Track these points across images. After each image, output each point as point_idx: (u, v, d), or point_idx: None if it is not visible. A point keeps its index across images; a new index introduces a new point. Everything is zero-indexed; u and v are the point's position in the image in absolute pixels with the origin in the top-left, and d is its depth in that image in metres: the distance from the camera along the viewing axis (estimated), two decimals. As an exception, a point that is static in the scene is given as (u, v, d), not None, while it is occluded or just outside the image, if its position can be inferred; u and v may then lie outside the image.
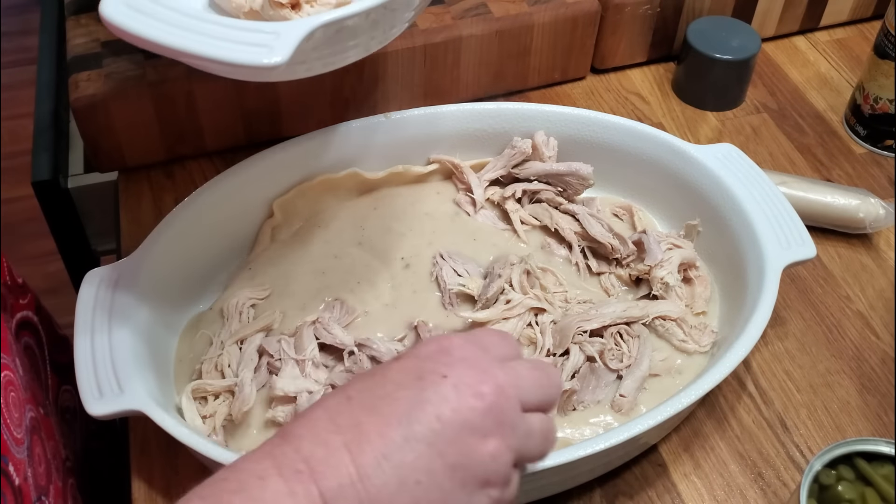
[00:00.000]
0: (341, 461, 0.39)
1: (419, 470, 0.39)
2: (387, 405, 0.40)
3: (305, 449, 0.39)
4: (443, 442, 0.40)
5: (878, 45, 0.82)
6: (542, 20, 0.85)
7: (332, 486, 0.38)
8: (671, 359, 0.65)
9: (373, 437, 0.39)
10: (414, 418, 0.40)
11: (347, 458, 0.39)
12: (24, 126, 1.18)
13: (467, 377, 0.42)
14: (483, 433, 0.41)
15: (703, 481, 0.62)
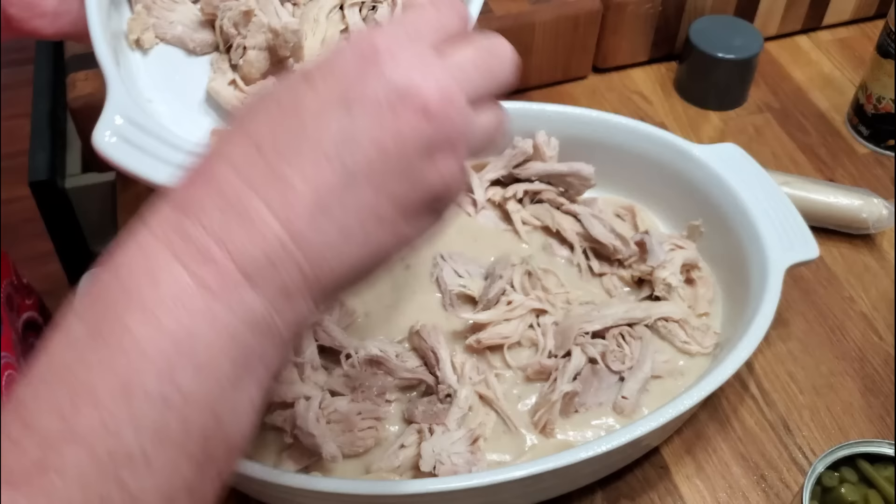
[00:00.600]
0: (264, 226, 0.31)
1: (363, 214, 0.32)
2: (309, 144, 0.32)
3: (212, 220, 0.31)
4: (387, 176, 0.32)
5: (881, 45, 0.82)
6: (543, 19, 0.84)
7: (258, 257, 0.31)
8: (673, 360, 0.64)
9: (299, 188, 0.31)
10: (347, 155, 0.32)
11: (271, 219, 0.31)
12: (21, 126, 1.18)
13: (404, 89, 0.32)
14: (430, 153, 0.33)
15: (705, 483, 0.61)
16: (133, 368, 0.29)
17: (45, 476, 0.28)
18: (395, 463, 0.57)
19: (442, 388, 0.60)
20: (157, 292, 0.30)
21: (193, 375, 0.30)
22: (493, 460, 0.58)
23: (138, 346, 0.30)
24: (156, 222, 0.32)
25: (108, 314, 0.30)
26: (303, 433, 0.56)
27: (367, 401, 0.59)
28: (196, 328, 0.30)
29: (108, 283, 0.31)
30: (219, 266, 0.31)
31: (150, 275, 0.31)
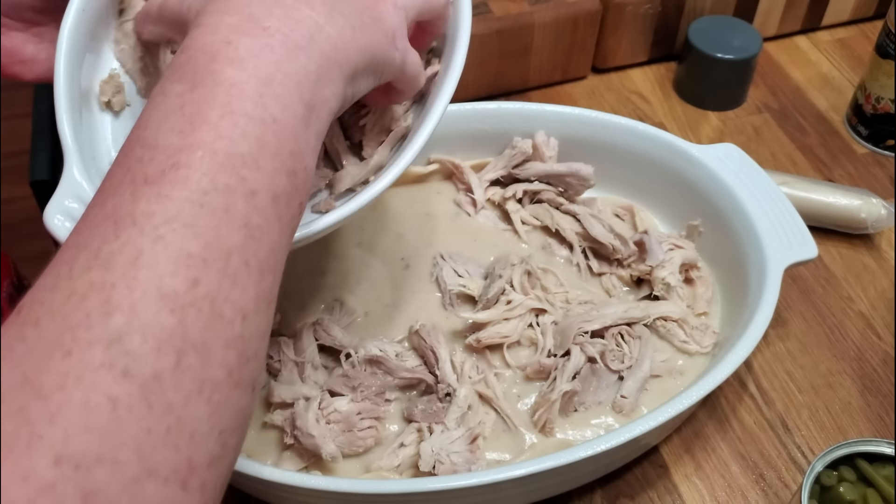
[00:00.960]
0: (300, 16, 0.40)
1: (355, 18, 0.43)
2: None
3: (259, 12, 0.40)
4: None
5: (880, 45, 0.82)
6: (542, 19, 0.84)
7: (304, 34, 0.40)
8: (672, 360, 0.64)
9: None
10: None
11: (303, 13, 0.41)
12: (22, 126, 1.18)
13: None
14: None
15: (704, 482, 0.61)
16: (233, 98, 0.37)
17: (177, 171, 0.35)
18: (394, 462, 0.57)
19: (441, 387, 0.60)
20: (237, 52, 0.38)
21: (279, 106, 0.38)
22: (492, 459, 0.58)
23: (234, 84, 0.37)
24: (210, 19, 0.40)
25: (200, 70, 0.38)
26: (302, 434, 0.56)
27: (366, 401, 0.59)
28: (273, 76, 0.38)
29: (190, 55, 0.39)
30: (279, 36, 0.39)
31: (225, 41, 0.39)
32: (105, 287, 0.32)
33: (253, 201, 0.36)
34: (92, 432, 0.30)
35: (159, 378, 0.31)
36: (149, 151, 0.36)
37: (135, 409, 0.31)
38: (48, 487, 0.28)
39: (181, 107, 0.37)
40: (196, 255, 0.34)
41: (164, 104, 0.37)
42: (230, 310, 0.34)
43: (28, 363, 0.31)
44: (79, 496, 0.29)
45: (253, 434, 0.59)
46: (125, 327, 0.31)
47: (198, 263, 0.34)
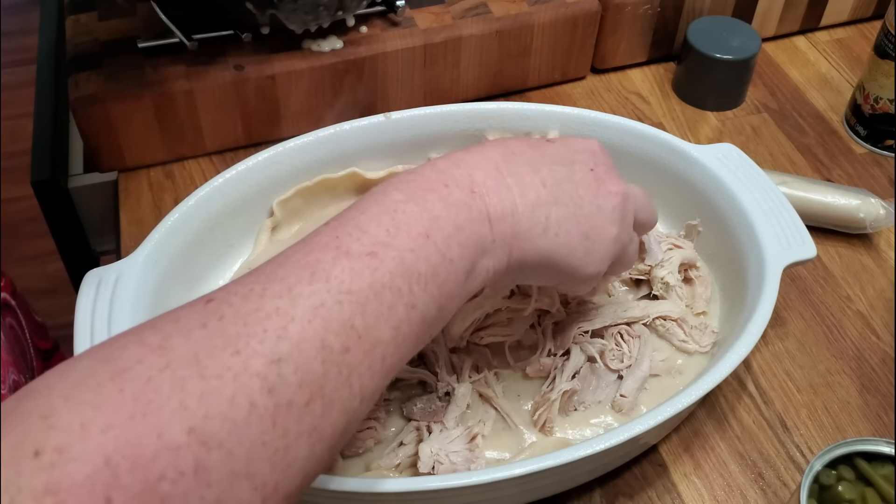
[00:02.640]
0: (507, 195, 0.48)
1: (559, 227, 0.49)
2: (544, 170, 0.50)
3: (478, 178, 0.47)
4: (581, 214, 0.50)
5: (879, 45, 0.82)
6: (542, 20, 0.85)
7: (498, 210, 0.47)
8: (672, 359, 0.65)
9: (530, 190, 0.48)
10: (563, 189, 0.50)
11: (512, 194, 0.48)
12: (23, 126, 1.18)
13: (607, 176, 0.52)
14: (610, 220, 0.52)
15: (703, 481, 0.62)
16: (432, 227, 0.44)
17: (373, 259, 0.41)
18: (394, 461, 0.57)
19: (441, 385, 0.60)
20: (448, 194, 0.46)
21: (458, 253, 0.45)
22: (492, 458, 0.59)
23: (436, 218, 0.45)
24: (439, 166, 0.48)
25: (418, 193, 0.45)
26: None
27: (366, 400, 0.59)
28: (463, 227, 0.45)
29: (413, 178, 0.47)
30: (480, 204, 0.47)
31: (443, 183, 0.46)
32: (286, 317, 0.38)
33: (410, 313, 0.42)
34: (226, 421, 0.34)
35: (291, 407, 0.37)
36: (358, 232, 0.42)
37: (263, 421, 0.36)
38: (174, 448, 0.33)
39: (394, 211, 0.44)
40: (356, 329, 0.40)
41: (383, 202, 0.45)
42: (358, 386, 0.40)
43: (203, 346, 0.36)
44: (192, 465, 0.33)
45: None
46: (287, 355, 0.37)
47: (355, 336, 0.40)
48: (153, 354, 0.35)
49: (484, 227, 0.46)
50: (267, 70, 0.78)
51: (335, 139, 0.71)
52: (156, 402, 0.33)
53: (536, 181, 0.49)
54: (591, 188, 0.51)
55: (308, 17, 0.76)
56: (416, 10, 0.84)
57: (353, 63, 0.80)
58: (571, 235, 0.50)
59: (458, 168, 0.48)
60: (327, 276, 0.40)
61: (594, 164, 0.52)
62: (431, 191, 0.46)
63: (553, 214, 0.49)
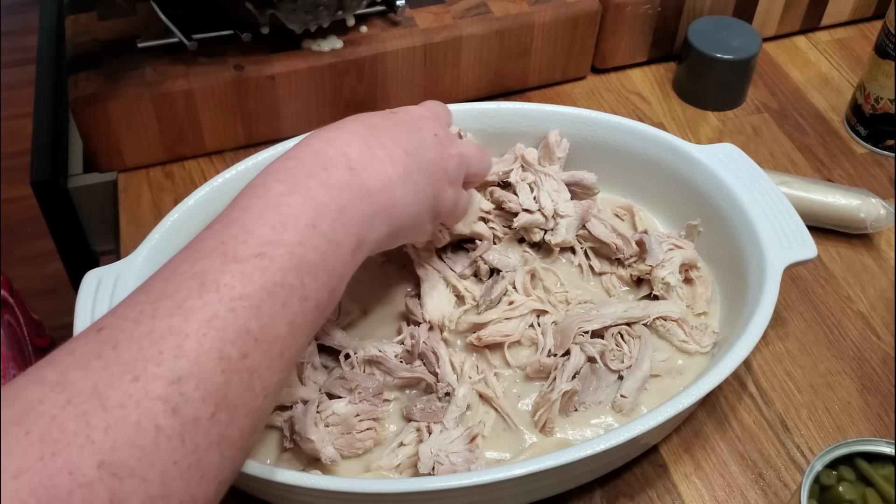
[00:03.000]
0: (381, 168, 0.50)
1: (421, 191, 0.52)
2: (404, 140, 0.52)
3: (353, 154, 0.49)
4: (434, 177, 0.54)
5: (879, 45, 0.82)
6: (542, 20, 0.84)
7: (376, 184, 0.49)
8: (672, 359, 0.65)
9: (398, 159, 0.51)
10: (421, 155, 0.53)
11: (385, 168, 0.50)
12: (23, 126, 1.18)
13: (448, 140, 0.57)
14: (451, 180, 0.56)
15: (703, 482, 0.61)
16: (317, 215, 0.45)
17: (261, 260, 0.41)
18: (394, 461, 0.57)
19: (441, 386, 0.60)
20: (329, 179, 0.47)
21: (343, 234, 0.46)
22: (492, 458, 0.59)
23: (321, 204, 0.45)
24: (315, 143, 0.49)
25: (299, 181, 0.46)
26: (301, 438, 0.56)
27: (364, 402, 0.59)
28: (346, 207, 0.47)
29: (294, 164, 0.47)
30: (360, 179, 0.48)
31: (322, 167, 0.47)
32: (180, 334, 0.38)
33: (303, 304, 0.43)
34: (135, 449, 0.35)
35: (197, 422, 0.37)
36: (244, 234, 0.42)
37: (172, 441, 0.36)
38: (87, 485, 0.33)
39: (278, 206, 0.44)
40: (252, 333, 0.40)
41: (266, 198, 0.45)
42: (260, 386, 0.41)
43: (101, 378, 0.36)
44: (107, 498, 0.33)
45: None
46: (186, 372, 0.37)
47: (251, 341, 0.40)
48: (53, 392, 0.35)
49: (365, 203, 0.48)
50: (267, 70, 0.78)
51: (335, 139, 0.71)
52: (62, 440, 0.33)
53: (400, 150, 0.51)
54: (439, 152, 0.55)
55: (308, 16, 0.76)
56: (416, 10, 0.84)
57: (353, 63, 0.80)
58: (428, 198, 0.53)
59: (332, 147, 0.49)
60: (217, 285, 0.40)
61: (436, 128, 0.56)
62: (312, 177, 0.46)
63: (419, 181, 0.52)
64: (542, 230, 0.69)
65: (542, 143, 0.74)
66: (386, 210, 0.50)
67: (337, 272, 0.46)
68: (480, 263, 0.67)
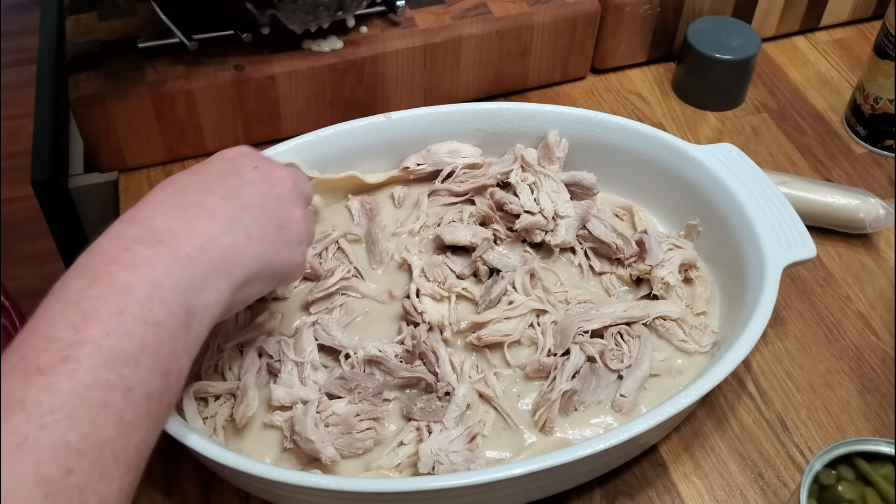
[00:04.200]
0: (197, 228, 0.47)
1: (257, 228, 0.50)
2: (219, 188, 0.50)
3: (160, 225, 0.46)
4: (269, 209, 0.51)
5: (879, 45, 0.82)
6: (542, 20, 0.85)
7: (195, 244, 0.46)
8: (672, 359, 0.65)
9: (216, 209, 0.48)
10: (244, 195, 0.50)
11: (201, 225, 0.47)
12: (24, 126, 1.18)
13: (271, 167, 0.54)
14: (292, 203, 0.53)
15: (703, 481, 0.62)
16: (124, 300, 0.42)
17: (66, 364, 0.38)
18: (394, 461, 0.57)
19: (441, 385, 0.60)
20: (133, 258, 0.43)
21: (163, 310, 0.43)
22: (492, 457, 0.59)
23: (126, 287, 0.42)
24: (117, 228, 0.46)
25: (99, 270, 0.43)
26: (301, 438, 0.56)
27: (364, 402, 0.59)
28: (162, 281, 0.43)
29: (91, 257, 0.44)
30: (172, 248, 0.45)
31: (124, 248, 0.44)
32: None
33: (129, 398, 0.40)
34: None
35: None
36: (44, 342, 0.39)
37: None
38: None
39: (77, 302, 0.41)
40: (73, 446, 0.37)
41: (63, 297, 0.41)
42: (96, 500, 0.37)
43: None
44: None
45: (253, 433, 0.59)
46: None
47: (73, 454, 0.37)
48: None
49: (186, 268, 0.45)
50: (267, 70, 0.78)
51: (335, 139, 0.71)
52: None
53: (216, 199, 0.49)
54: (265, 183, 0.52)
55: (308, 17, 0.76)
56: (416, 10, 0.84)
57: (353, 63, 0.80)
58: (269, 232, 0.51)
59: (135, 225, 0.46)
60: (23, 404, 0.36)
61: (254, 162, 0.54)
62: (112, 262, 0.43)
63: (248, 221, 0.49)
64: (543, 231, 0.69)
65: (541, 143, 0.74)
66: (218, 266, 0.46)
67: (166, 351, 0.42)
68: (480, 264, 0.68)
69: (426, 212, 0.73)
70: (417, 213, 0.72)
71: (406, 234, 0.71)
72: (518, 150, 0.73)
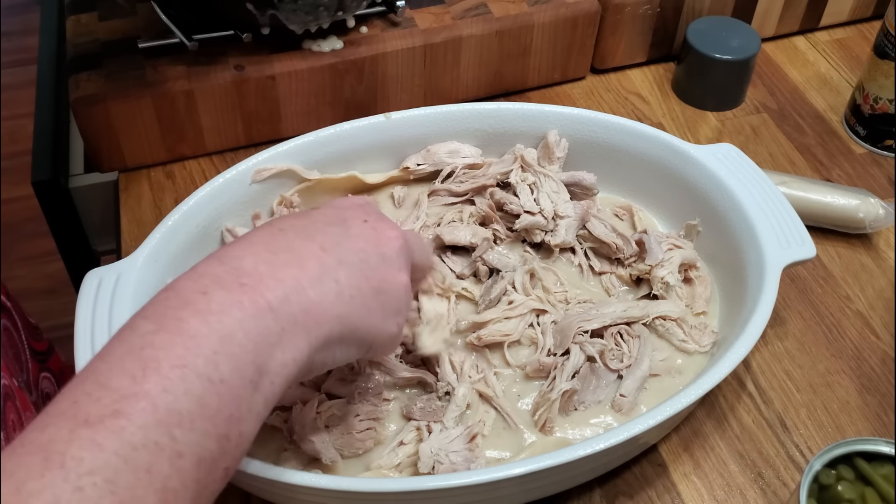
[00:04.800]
0: (285, 275, 0.43)
1: (351, 287, 0.45)
2: (319, 236, 0.46)
3: (247, 266, 0.42)
4: (368, 268, 0.46)
5: (878, 45, 0.82)
6: (542, 20, 0.85)
7: (278, 293, 0.42)
8: (671, 359, 0.65)
9: (310, 258, 0.44)
10: (344, 247, 0.46)
11: (290, 272, 0.43)
12: (24, 126, 1.18)
13: (382, 224, 0.49)
14: (397, 267, 0.48)
15: (702, 481, 0.62)
16: (189, 352, 0.38)
17: (116, 420, 0.35)
18: (394, 460, 0.57)
19: (441, 385, 0.60)
20: (208, 304, 0.40)
21: (230, 367, 0.39)
22: (492, 457, 0.59)
23: (193, 337, 0.38)
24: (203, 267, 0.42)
25: (169, 314, 0.39)
26: (301, 439, 0.56)
27: (364, 402, 0.59)
28: (234, 333, 0.39)
29: (167, 296, 0.40)
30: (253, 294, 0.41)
31: (202, 292, 0.40)
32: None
33: (177, 463, 0.36)
34: None
35: None
36: (98, 389, 0.36)
37: None
38: None
39: (141, 349, 0.38)
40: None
41: (129, 341, 0.38)
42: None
43: None
44: None
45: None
46: None
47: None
48: None
49: (265, 319, 0.40)
50: (267, 70, 0.78)
51: (335, 139, 0.71)
52: None
53: (314, 247, 0.45)
54: (370, 240, 0.47)
55: (308, 17, 0.76)
56: (416, 11, 0.84)
57: (353, 63, 0.80)
58: (364, 293, 0.46)
59: (222, 265, 0.42)
60: (62, 459, 0.33)
61: (365, 215, 0.49)
62: (186, 306, 0.39)
63: (342, 277, 0.45)
64: (543, 231, 0.69)
65: (541, 143, 0.74)
66: (298, 322, 0.42)
67: (225, 413, 0.38)
68: (480, 264, 0.68)
69: (426, 212, 0.73)
70: (417, 213, 0.72)
71: (406, 234, 0.71)
72: (518, 150, 0.73)
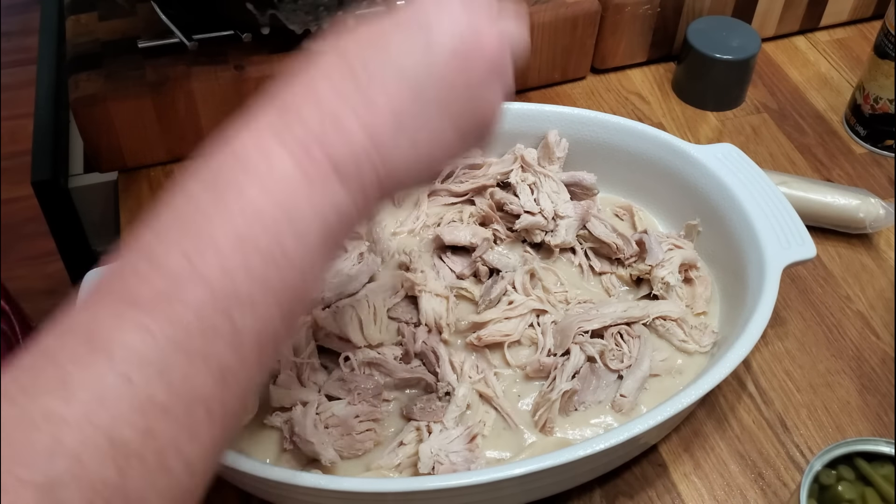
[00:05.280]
0: (353, 134, 0.37)
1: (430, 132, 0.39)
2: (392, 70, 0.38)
3: (312, 124, 0.37)
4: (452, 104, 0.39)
5: (879, 45, 0.82)
6: (542, 20, 0.85)
7: (347, 159, 0.37)
8: (672, 359, 0.65)
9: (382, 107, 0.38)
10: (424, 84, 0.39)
11: (359, 130, 0.37)
12: (24, 126, 1.18)
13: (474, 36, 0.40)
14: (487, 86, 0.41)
15: (703, 481, 0.62)
16: (249, 226, 0.34)
17: (170, 305, 0.32)
18: (394, 461, 0.57)
19: (441, 385, 0.60)
20: (270, 168, 0.36)
21: (294, 242, 0.35)
22: (492, 458, 0.59)
23: (254, 208, 0.35)
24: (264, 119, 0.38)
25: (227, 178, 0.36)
26: (301, 440, 0.56)
27: (363, 403, 0.59)
28: (298, 203, 0.36)
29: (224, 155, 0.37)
30: (317, 160, 0.36)
31: (262, 153, 0.36)
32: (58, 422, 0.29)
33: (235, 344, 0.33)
34: None
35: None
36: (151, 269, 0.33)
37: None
38: None
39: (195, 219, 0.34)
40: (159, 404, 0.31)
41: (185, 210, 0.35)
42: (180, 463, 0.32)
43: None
44: None
45: (253, 434, 0.59)
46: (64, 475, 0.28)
47: (158, 413, 0.31)
48: None
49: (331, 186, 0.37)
50: (267, 70, 0.78)
51: (335, 139, 0.71)
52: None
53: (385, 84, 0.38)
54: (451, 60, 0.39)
55: (308, 17, 0.76)
56: (416, 11, 0.84)
57: (353, 63, 0.80)
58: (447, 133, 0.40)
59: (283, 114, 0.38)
60: (109, 347, 0.31)
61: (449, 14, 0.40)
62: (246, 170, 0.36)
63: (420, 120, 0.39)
64: (543, 231, 0.69)
65: (541, 143, 0.74)
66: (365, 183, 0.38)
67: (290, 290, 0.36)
68: (480, 264, 0.68)
69: (426, 212, 0.73)
70: (417, 213, 0.72)
71: (406, 233, 0.71)
72: (518, 150, 0.73)
